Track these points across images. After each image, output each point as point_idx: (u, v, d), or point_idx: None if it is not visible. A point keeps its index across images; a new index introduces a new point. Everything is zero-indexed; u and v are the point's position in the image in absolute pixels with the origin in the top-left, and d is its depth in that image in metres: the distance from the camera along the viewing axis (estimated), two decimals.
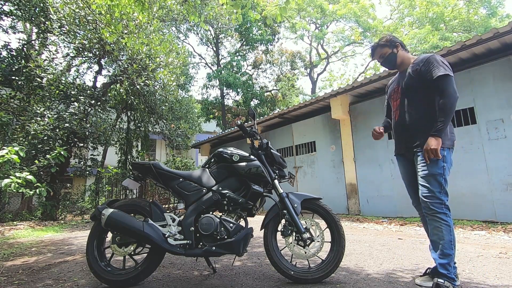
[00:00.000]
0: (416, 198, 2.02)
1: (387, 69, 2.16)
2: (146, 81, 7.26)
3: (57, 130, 6.57)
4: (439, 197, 1.79)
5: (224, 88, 17.57)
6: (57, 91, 7.20)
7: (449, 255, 1.73)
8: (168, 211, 2.21)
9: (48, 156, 4.38)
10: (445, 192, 1.81)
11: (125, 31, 6.41)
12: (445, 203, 1.79)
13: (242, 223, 2.15)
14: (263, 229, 2.16)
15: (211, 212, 2.16)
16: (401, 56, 2.06)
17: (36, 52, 7.58)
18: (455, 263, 1.88)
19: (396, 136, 2.11)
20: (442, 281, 1.69)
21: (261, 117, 8.43)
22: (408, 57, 2.06)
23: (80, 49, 7.43)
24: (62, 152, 4.16)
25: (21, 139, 6.21)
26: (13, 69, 6.89)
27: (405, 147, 2.00)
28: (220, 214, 2.16)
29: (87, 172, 9.05)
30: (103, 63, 8.55)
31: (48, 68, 7.06)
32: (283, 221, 2.12)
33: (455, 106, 1.76)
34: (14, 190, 3.19)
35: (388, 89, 2.23)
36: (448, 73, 1.77)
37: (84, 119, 7.20)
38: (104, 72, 9.22)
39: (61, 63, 8.25)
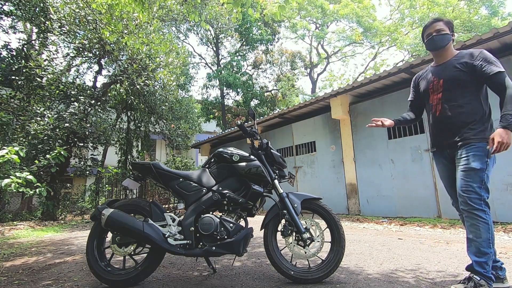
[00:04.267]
0: (456, 197, 1.90)
1: (429, 48, 2.00)
2: (146, 81, 7.26)
3: (57, 130, 6.58)
4: (478, 192, 1.70)
5: (224, 88, 17.57)
6: (57, 91, 7.20)
7: (487, 254, 1.65)
8: (168, 211, 2.21)
9: (48, 156, 4.38)
10: (486, 188, 1.72)
11: (125, 31, 6.41)
12: (484, 200, 1.70)
13: (242, 223, 2.15)
14: (263, 229, 2.16)
15: (211, 212, 2.16)
16: (451, 45, 1.95)
17: (36, 52, 7.58)
18: (502, 263, 1.81)
19: (436, 131, 1.97)
20: (478, 278, 1.63)
21: (261, 117, 8.43)
22: (453, 50, 1.96)
23: (80, 49, 7.43)
24: (62, 152, 4.16)
25: (21, 139, 6.21)
26: (13, 69, 6.90)
27: (447, 143, 1.88)
28: (220, 214, 2.16)
29: (87, 172, 9.05)
30: (103, 63, 8.55)
31: (48, 68, 7.06)
32: (283, 221, 2.12)
33: None
34: (14, 190, 3.19)
35: (422, 83, 2.07)
36: (504, 70, 1.75)
37: (84, 119, 7.19)
38: (104, 72, 9.24)
39: (61, 63, 8.24)
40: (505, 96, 1.72)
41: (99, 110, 8.08)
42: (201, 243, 2.06)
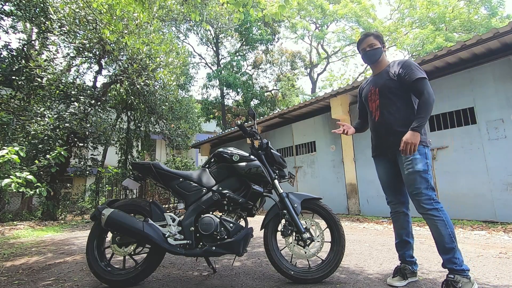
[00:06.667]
0: (394, 195, 2.10)
1: (365, 62, 2.20)
2: (146, 81, 7.25)
3: (57, 130, 6.57)
4: (426, 193, 1.82)
5: (224, 88, 17.56)
6: (57, 91, 7.20)
7: (452, 249, 1.73)
8: (168, 211, 2.21)
9: (48, 156, 4.38)
10: (431, 187, 1.85)
11: (126, 31, 6.40)
12: (433, 198, 1.82)
13: (242, 223, 2.15)
14: (263, 229, 2.16)
15: (211, 212, 2.16)
16: (383, 56, 2.13)
17: (36, 52, 7.57)
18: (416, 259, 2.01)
19: (377, 136, 2.12)
20: (452, 276, 1.70)
21: (261, 117, 8.43)
22: (385, 60, 2.14)
23: (80, 49, 7.43)
24: (62, 152, 4.16)
25: (21, 139, 6.20)
26: (14, 69, 6.89)
27: (387, 146, 2.03)
28: (220, 214, 2.16)
29: (87, 172, 9.04)
30: (103, 63, 8.55)
31: (48, 68, 7.06)
32: (283, 221, 2.12)
33: (433, 106, 1.85)
34: (14, 190, 3.19)
35: (363, 92, 2.26)
36: (425, 76, 1.89)
37: (84, 119, 7.19)
38: (104, 72, 9.23)
39: (61, 63, 8.24)
40: (420, 101, 1.86)
41: (99, 110, 8.08)
42: (201, 243, 2.06)
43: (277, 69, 20.51)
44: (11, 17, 7.05)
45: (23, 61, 6.89)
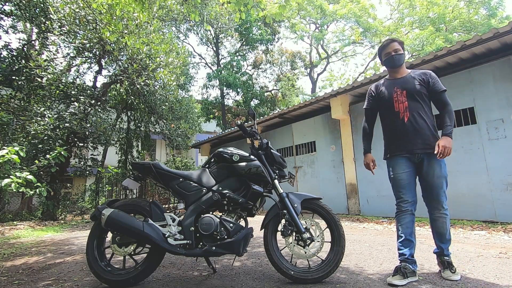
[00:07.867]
0: (411, 195, 2.16)
1: (389, 66, 2.28)
2: (146, 81, 7.25)
3: (57, 130, 6.57)
4: (446, 195, 2.10)
5: (224, 88, 17.55)
6: (57, 91, 7.20)
7: (450, 239, 2.12)
8: (168, 211, 2.21)
9: (48, 156, 4.37)
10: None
11: (126, 31, 6.40)
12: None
13: (242, 223, 2.15)
14: (263, 229, 2.16)
15: (211, 212, 2.16)
16: (404, 63, 2.28)
17: (36, 52, 7.57)
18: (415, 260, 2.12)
19: (402, 136, 2.15)
20: (448, 258, 2.07)
21: (261, 117, 8.43)
22: (405, 67, 2.31)
23: (80, 49, 7.42)
24: (62, 152, 4.16)
25: (21, 139, 6.21)
26: (14, 69, 6.89)
27: (418, 148, 2.10)
28: (220, 214, 2.16)
29: (87, 172, 9.04)
30: (103, 63, 8.54)
31: (48, 68, 7.05)
32: (283, 221, 2.12)
33: None
34: (14, 190, 3.18)
35: (382, 92, 2.28)
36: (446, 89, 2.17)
37: (84, 119, 7.19)
38: (104, 72, 9.22)
39: (61, 63, 8.24)
40: (446, 111, 2.10)
41: (99, 110, 8.08)
42: (201, 243, 2.06)
43: (277, 69, 20.51)
44: (11, 17, 7.05)
45: (23, 61, 6.89)
